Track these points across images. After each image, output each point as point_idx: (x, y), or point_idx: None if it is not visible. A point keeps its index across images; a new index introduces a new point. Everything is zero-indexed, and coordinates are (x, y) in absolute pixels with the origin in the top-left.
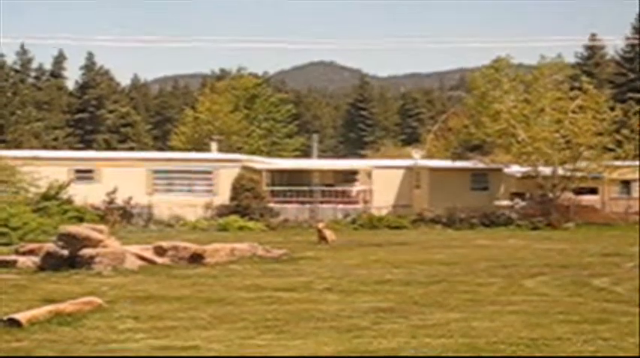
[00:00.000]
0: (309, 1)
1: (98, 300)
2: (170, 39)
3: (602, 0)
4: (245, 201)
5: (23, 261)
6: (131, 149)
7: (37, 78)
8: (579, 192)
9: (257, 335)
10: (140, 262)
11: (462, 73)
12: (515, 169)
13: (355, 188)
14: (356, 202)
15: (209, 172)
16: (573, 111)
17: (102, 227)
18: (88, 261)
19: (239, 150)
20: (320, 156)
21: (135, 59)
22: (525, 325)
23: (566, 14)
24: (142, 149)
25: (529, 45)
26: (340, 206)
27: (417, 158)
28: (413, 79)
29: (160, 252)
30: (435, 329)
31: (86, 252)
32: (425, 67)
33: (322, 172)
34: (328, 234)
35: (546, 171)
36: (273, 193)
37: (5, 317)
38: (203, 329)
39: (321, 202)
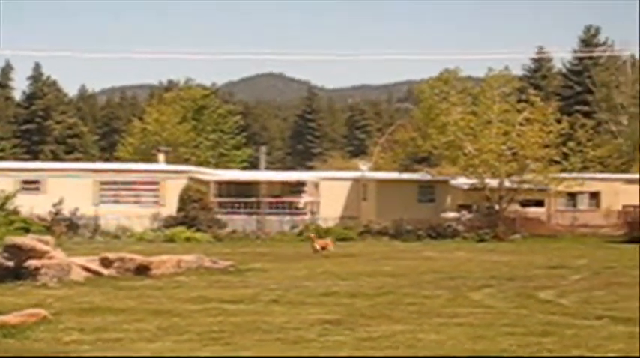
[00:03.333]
0: (256, 13)
1: (43, 312)
2: (118, 50)
3: (550, 13)
4: (192, 213)
5: None
6: (78, 160)
7: None
8: (525, 204)
9: (203, 346)
10: (86, 273)
11: (409, 86)
12: (462, 181)
13: (302, 199)
14: (303, 214)
15: (156, 183)
16: (520, 124)
17: (48, 238)
18: (34, 273)
19: (186, 161)
20: (268, 168)
21: (82, 70)
22: (470, 337)
23: (515, 27)
24: (89, 160)
25: (477, 57)
26: (287, 217)
27: (364, 170)
28: (361, 90)
29: (106, 263)
30: (381, 341)
31: (32, 263)
32: (373, 79)
33: (270, 184)
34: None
35: (493, 183)
36: (221, 204)
37: None
38: (149, 341)
39: (269, 214)
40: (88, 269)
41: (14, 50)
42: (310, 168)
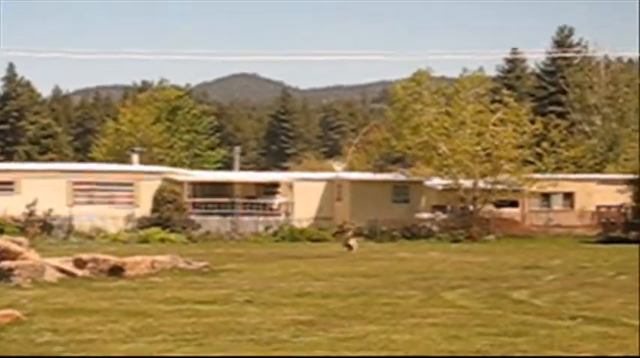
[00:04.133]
0: (230, 14)
1: (16, 313)
2: (92, 50)
3: (524, 14)
4: (166, 213)
5: None
6: (52, 161)
7: None
8: (500, 204)
9: (176, 348)
10: (60, 274)
11: (384, 86)
12: (436, 182)
13: (277, 200)
14: (277, 214)
15: (130, 184)
16: (494, 124)
17: (21, 239)
18: (7, 274)
19: (161, 162)
20: (242, 169)
21: (56, 70)
22: (444, 337)
23: (489, 28)
24: (62, 161)
25: (451, 58)
26: (262, 218)
27: (338, 170)
28: (335, 91)
29: (80, 264)
30: (354, 342)
31: (5, 264)
32: (347, 80)
33: (244, 184)
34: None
35: (467, 183)
36: (195, 205)
37: None
38: (122, 343)
39: (243, 214)
40: (61, 270)
41: None
42: (284, 168)
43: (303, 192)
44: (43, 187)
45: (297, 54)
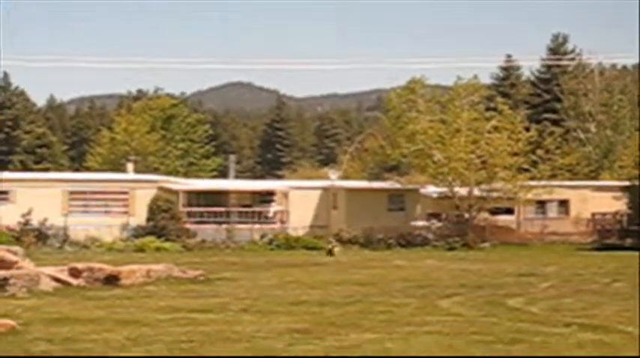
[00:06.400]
0: (225, 22)
1: (11, 322)
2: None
3: (518, 21)
4: (162, 222)
5: None
6: (47, 170)
7: None
8: (495, 212)
9: (172, 356)
10: (55, 284)
11: (379, 94)
12: (432, 190)
13: (272, 209)
14: (273, 223)
15: (125, 193)
16: (489, 132)
17: (16, 248)
18: (2, 283)
19: (156, 170)
20: (237, 177)
21: (51, 79)
22: (439, 346)
23: (483, 35)
24: (58, 170)
25: (446, 66)
26: (257, 227)
27: (333, 179)
28: (330, 99)
29: (75, 273)
30: (350, 351)
31: (0, 273)
32: (342, 88)
33: (239, 193)
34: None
35: (462, 191)
36: (190, 214)
37: None
38: (118, 352)
39: (238, 223)
40: (57, 280)
41: None
42: (280, 177)
43: (298, 200)
44: (39, 196)
45: (292, 62)
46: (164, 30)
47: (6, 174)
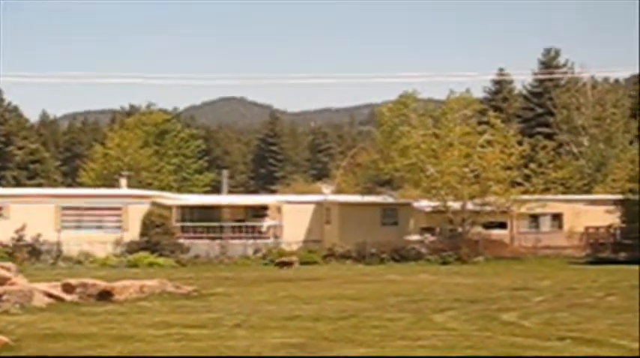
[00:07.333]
0: (217, 38)
1: (4, 339)
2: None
3: (510, 35)
4: (155, 237)
5: None
6: (40, 185)
7: None
8: (488, 226)
9: None
10: (48, 299)
11: (371, 108)
12: (425, 204)
13: (265, 223)
14: (266, 238)
15: (118, 208)
16: (482, 146)
17: (10, 264)
18: None
19: (149, 186)
20: (230, 192)
21: (43, 95)
22: None
23: (475, 49)
24: (51, 185)
25: (438, 80)
26: (251, 241)
27: (327, 193)
28: (323, 114)
29: (69, 289)
30: None
31: None
32: (335, 103)
33: (233, 208)
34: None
35: (455, 205)
36: (184, 229)
37: None
38: None
39: (232, 238)
40: (50, 295)
41: None
42: (273, 191)
43: (291, 214)
44: (32, 212)
45: (284, 77)
46: (156, 45)
47: None
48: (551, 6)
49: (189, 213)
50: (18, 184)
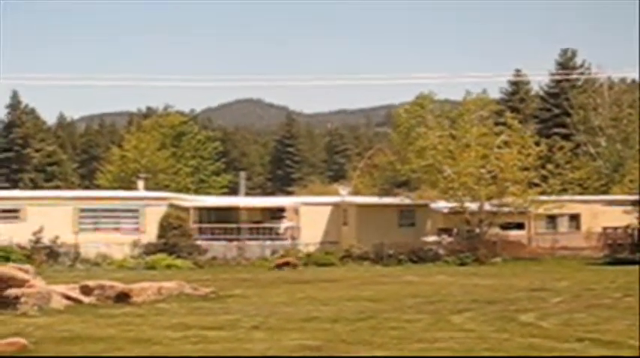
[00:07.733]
0: (234, 39)
1: (23, 341)
2: (96, 77)
3: (527, 36)
4: (172, 239)
5: None
6: (57, 188)
7: None
8: (506, 227)
9: None
10: (66, 302)
11: (388, 110)
12: (442, 205)
13: (283, 225)
14: (284, 239)
15: (136, 210)
16: (499, 147)
17: (28, 267)
18: (14, 301)
19: (166, 188)
20: (248, 194)
21: (61, 97)
22: None
23: (492, 50)
24: (68, 188)
25: (455, 81)
26: (268, 243)
27: (344, 194)
28: (340, 115)
29: (87, 291)
30: None
31: (11, 292)
32: (352, 104)
33: (250, 209)
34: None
35: (473, 206)
36: (201, 231)
37: None
38: None
39: (249, 239)
40: (68, 298)
41: None
42: (290, 193)
43: (309, 216)
44: (49, 214)
45: (301, 79)
46: (174, 47)
47: (17, 193)
48: (563, 6)
49: (207, 214)
50: (35, 186)
